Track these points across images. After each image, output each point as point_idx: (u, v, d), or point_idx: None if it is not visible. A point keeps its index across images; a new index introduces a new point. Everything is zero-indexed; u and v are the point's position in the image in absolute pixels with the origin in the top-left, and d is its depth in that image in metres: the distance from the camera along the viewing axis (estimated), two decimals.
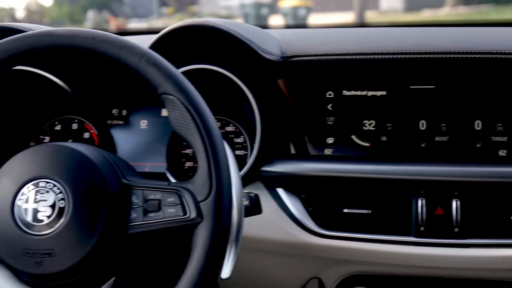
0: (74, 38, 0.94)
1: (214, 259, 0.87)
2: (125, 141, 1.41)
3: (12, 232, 0.91)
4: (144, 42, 1.17)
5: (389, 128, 1.25)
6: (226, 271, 0.91)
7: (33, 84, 1.39)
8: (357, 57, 1.21)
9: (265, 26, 1.42)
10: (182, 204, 0.89)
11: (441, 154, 1.23)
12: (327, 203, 1.23)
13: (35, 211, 0.90)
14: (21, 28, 1.24)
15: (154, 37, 1.26)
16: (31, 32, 0.97)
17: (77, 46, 0.94)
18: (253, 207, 1.03)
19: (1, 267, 0.92)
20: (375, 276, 1.27)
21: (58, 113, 1.45)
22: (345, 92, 1.26)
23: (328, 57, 1.23)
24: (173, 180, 1.30)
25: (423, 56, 1.21)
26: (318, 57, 1.23)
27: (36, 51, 0.96)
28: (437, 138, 1.23)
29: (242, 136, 1.34)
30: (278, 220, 1.24)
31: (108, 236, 0.90)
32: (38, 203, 0.91)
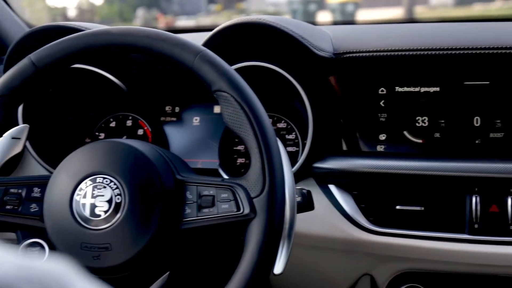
0: (130, 36, 0.96)
1: (267, 254, 0.87)
2: (178, 137, 1.43)
3: (70, 226, 0.93)
4: (196, 40, 1.19)
5: (443, 124, 1.23)
6: (278, 267, 0.92)
7: (89, 81, 1.42)
8: (411, 53, 1.20)
9: (313, 23, 1.42)
10: (235, 200, 0.90)
11: (495, 151, 1.21)
12: (379, 200, 1.22)
13: (93, 206, 0.92)
14: (78, 27, 1.26)
15: (205, 34, 1.27)
16: (88, 31, 0.99)
17: (132, 44, 0.96)
18: (305, 203, 1.03)
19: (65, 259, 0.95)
20: (427, 274, 1.26)
21: (113, 110, 1.48)
22: (398, 89, 1.25)
23: (381, 54, 1.22)
24: (225, 176, 1.31)
25: (477, 51, 1.19)
26: (371, 54, 1.22)
27: (93, 50, 0.98)
28: (491, 135, 1.22)
29: (294, 133, 1.35)
30: (330, 217, 1.24)
31: (163, 231, 0.92)
32: (96, 198, 0.93)
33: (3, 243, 0.99)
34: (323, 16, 16.20)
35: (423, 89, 1.24)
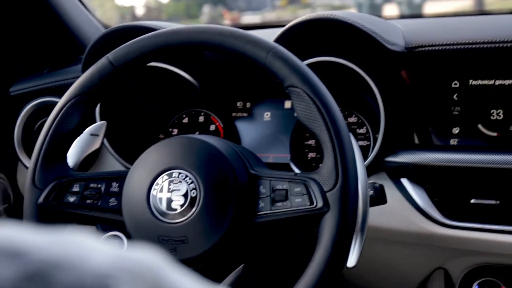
0: (203, 34, 0.98)
1: (340, 248, 0.88)
2: (249, 132, 1.44)
3: (148, 219, 0.96)
4: (266, 36, 1.20)
5: None
6: (352, 260, 0.92)
7: (163, 79, 1.45)
8: (484, 46, 1.19)
9: (379, 16, 1.41)
10: (309, 194, 0.90)
11: None
12: (453, 194, 1.21)
13: (169, 200, 0.95)
14: (152, 27, 1.29)
15: (275, 31, 1.28)
16: (163, 30, 1.01)
17: (206, 41, 0.98)
18: (378, 197, 1.03)
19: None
20: (503, 267, 1.24)
21: (186, 106, 1.50)
22: (472, 82, 1.23)
23: (454, 47, 1.20)
24: (297, 170, 1.32)
25: None
26: (444, 47, 1.21)
27: (168, 48, 1.00)
28: None
29: (365, 127, 1.34)
30: (402, 210, 1.23)
31: (237, 224, 0.93)
32: (172, 193, 0.95)
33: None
34: (390, 9, 15.95)
35: (497, 82, 1.22)
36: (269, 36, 1.24)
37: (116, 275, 0.30)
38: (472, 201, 1.19)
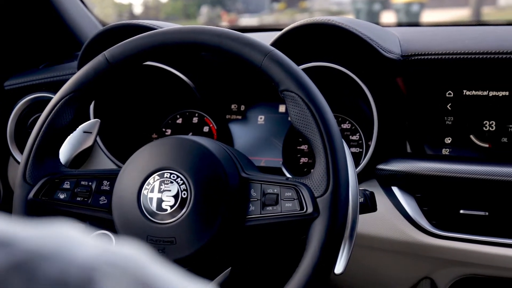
0: (201, 34, 0.98)
1: (328, 254, 0.88)
2: (242, 135, 1.44)
3: (137, 219, 0.96)
4: (263, 39, 1.20)
5: (511, 129, 1.21)
6: (339, 267, 0.92)
7: (158, 78, 1.45)
8: (480, 56, 1.19)
9: (377, 23, 1.42)
10: (299, 199, 0.90)
11: None
12: (443, 203, 1.21)
13: (159, 201, 0.95)
14: (150, 26, 1.29)
15: (272, 34, 1.28)
16: (161, 29, 1.02)
17: (204, 42, 0.98)
18: (368, 205, 1.03)
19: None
20: (490, 279, 1.24)
21: (180, 107, 1.50)
22: (466, 92, 1.24)
23: (450, 56, 1.21)
24: (288, 175, 1.32)
25: None
26: (439, 56, 1.21)
27: (165, 48, 1.00)
28: None
29: (358, 134, 1.35)
30: (392, 219, 1.24)
31: (226, 227, 0.93)
32: (162, 193, 0.95)
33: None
34: (387, 16, 16.00)
35: (491, 93, 1.22)
36: (266, 39, 1.24)
37: (100, 268, 0.31)
38: (461, 211, 1.20)
